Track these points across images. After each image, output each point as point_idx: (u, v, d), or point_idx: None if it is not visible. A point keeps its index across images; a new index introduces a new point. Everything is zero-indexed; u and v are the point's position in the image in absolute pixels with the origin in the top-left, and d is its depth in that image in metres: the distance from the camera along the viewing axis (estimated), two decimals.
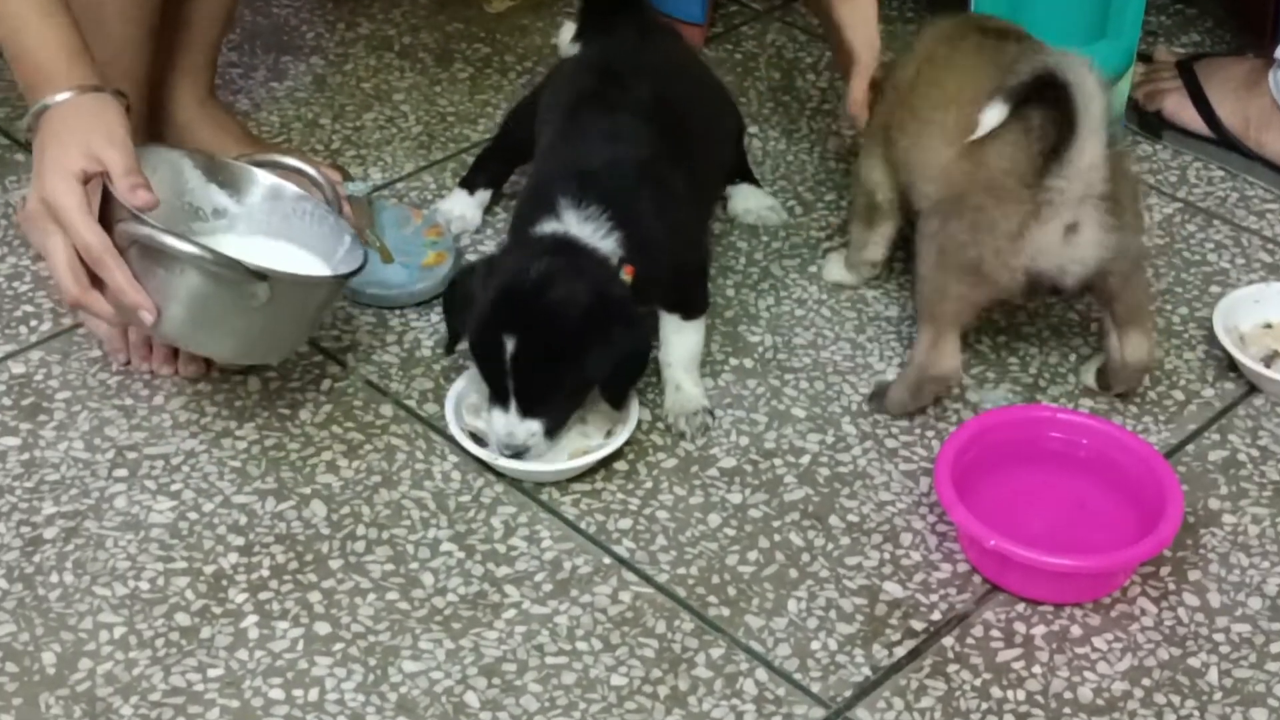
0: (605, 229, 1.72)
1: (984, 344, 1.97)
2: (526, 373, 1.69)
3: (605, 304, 1.69)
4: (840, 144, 2.30)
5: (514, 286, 1.68)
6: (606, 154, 1.79)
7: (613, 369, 1.70)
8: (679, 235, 1.81)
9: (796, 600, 1.65)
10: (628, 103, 1.85)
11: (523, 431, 1.72)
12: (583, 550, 1.69)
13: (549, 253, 1.70)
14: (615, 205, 1.73)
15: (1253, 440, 1.84)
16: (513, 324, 1.67)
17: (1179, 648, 1.60)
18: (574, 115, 1.87)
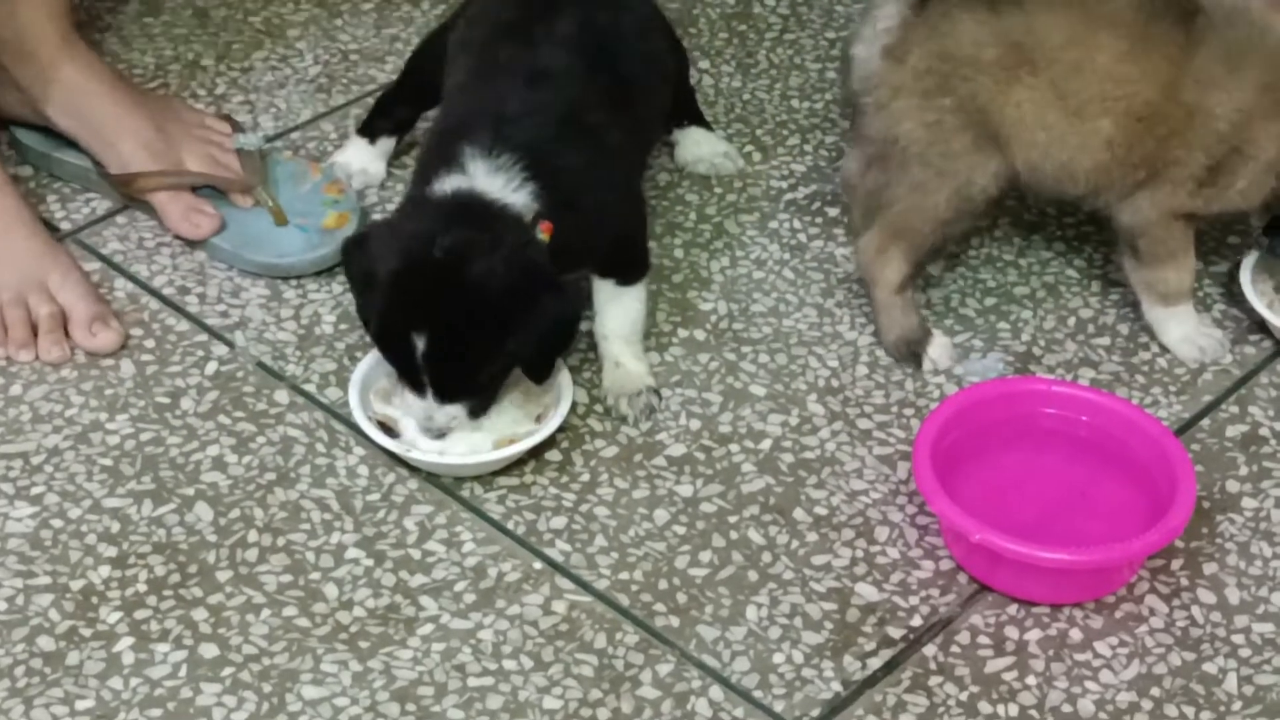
0: (518, 181, 1.70)
1: (969, 307, 1.97)
2: (440, 363, 1.68)
3: (522, 272, 1.67)
4: (804, 80, 2.29)
5: (416, 267, 1.66)
6: (523, 95, 1.77)
7: (538, 345, 1.69)
8: (609, 188, 1.79)
9: (756, 606, 1.64)
10: (551, 36, 1.83)
11: (443, 416, 1.71)
12: (510, 554, 1.69)
13: (452, 217, 1.68)
14: (531, 153, 1.72)
15: (1276, 412, 1.85)
16: (420, 316, 1.66)
17: (1193, 652, 1.61)
18: (488, 51, 1.85)
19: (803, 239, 2.05)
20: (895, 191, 1.85)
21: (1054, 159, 1.80)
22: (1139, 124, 1.78)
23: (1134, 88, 1.77)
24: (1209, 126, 1.77)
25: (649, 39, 1.96)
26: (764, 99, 2.26)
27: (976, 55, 1.77)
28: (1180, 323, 1.91)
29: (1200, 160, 1.79)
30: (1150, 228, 1.84)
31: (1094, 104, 1.78)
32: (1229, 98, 1.77)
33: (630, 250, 1.85)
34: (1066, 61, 1.77)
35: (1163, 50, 1.77)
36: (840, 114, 2.20)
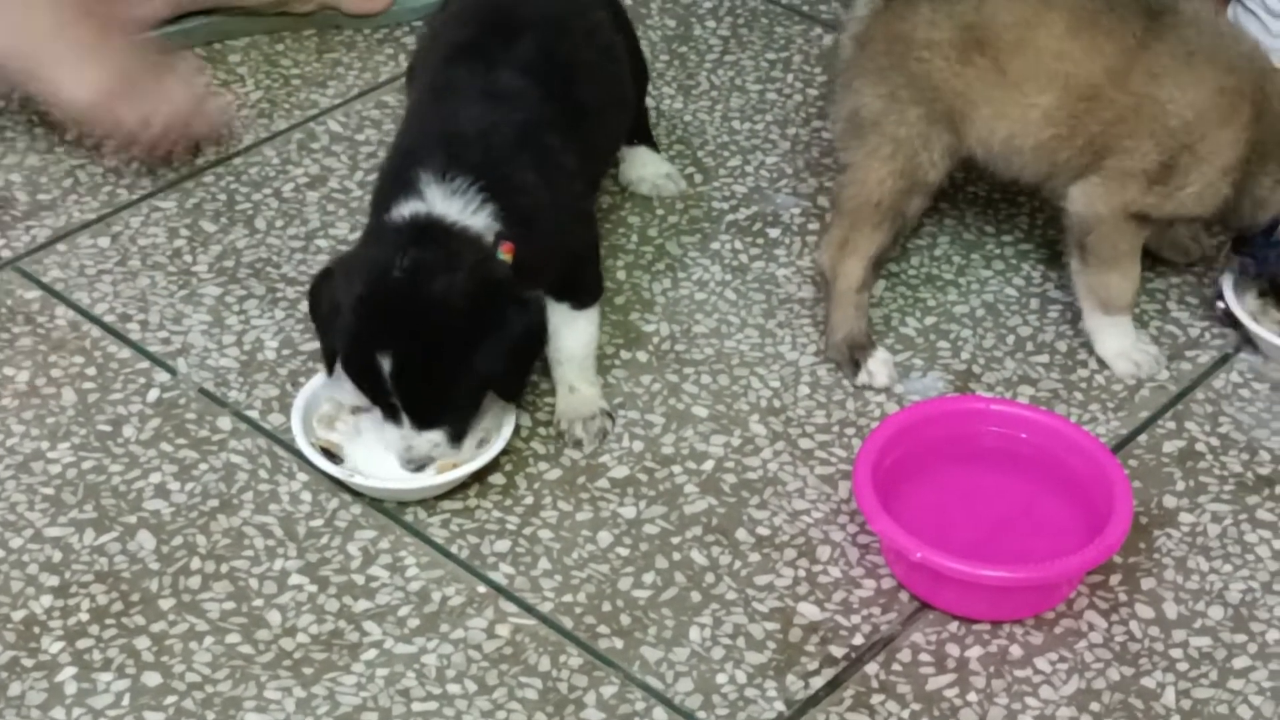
0: (476, 203, 1.71)
1: (909, 327, 1.98)
2: (411, 388, 1.68)
3: (486, 291, 1.68)
4: (745, 101, 2.31)
5: (379, 292, 1.67)
6: (479, 117, 1.78)
7: (507, 361, 1.70)
8: (566, 210, 1.80)
9: (699, 627, 1.65)
10: (510, 57, 1.83)
11: (424, 444, 1.72)
12: (454, 578, 1.69)
13: (412, 242, 1.69)
14: (488, 174, 1.72)
15: (1212, 428, 1.87)
16: (385, 338, 1.66)
17: (1131, 667, 1.63)
18: (446, 71, 1.86)
19: (744, 260, 2.07)
20: (851, 169, 1.89)
21: (998, 134, 1.84)
22: (1081, 104, 1.81)
23: (1075, 66, 1.80)
24: (1159, 120, 1.80)
25: (612, 65, 1.96)
26: (705, 121, 2.28)
27: (930, 37, 1.82)
28: (1118, 336, 1.93)
29: (1151, 154, 1.81)
30: (1100, 224, 1.86)
31: (1034, 80, 1.81)
32: (1182, 94, 1.79)
33: (585, 273, 1.86)
34: (1011, 39, 1.80)
35: (1115, 37, 1.80)
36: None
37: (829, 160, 2.21)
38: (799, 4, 2.50)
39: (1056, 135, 1.83)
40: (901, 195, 1.87)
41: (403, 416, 1.70)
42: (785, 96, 2.32)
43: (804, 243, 2.08)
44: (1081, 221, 1.87)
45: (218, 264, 2.03)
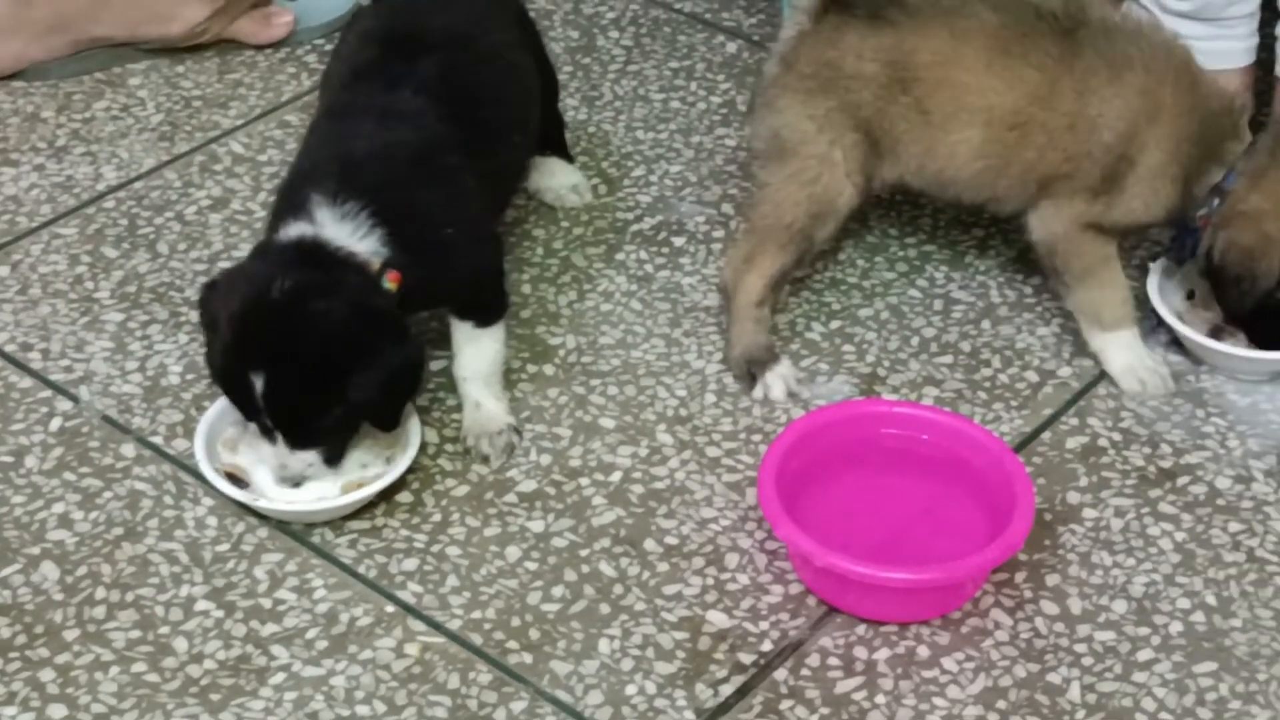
0: (365, 228, 1.71)
1: (814, 331, 2.00)
2: (282, 408, 1.68)
3: (362, 317, 1.68)
4: (649, 111, 2.31)
5: (254, 311, 1.67)
6: (375, 138, 1.77)
7: (380, 391, 1.70)
8: (464, 231, 1.80)
9: (609, 639, 1.66)
10: (410, 78, 1.83)
11: (297, 463, 1.71)
12: (362, 599, 1.69)
13: (294, 263, 1.68)
14: (380, 198, 1.72)
15: (1114, 423, 1.89)
16: (257, 356, 1.66)
17: (1037, 663, 1.64)
18: (345, 93, 1.86)
19: (649, 270, 2.07)
20: (767, 188, 1.89)
21: (929, 169, 1.86)
22: (1011, 133, 1.82)
23: (997, 98, 1.81)
24: (1094, 136, 1.82)
25: (517, 83, 1.96)
26: (609, 131, 2.28)
27: (859, 69, 1.83)
28: (1123, 351, 1.92)
29: (1092, 170, 1.83)
30: (1059, 241, 1.87)
31: (956, 117, 1.82)
32: (1111, 106, 1.81)
33: (487, 292, 1.86)
34: (930, 78, 1.82)
35: (1034, 63, 1.81)
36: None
37: (733, 168, 2.22)
38: (701, 12, 2.51)
39: (989, 167, 1.84)
40: (814, 220, 1.87)
41: (276, 435, 1.69)
42: (689, 105, 2.33)
43: (709, 251, 2.09)
44: (1044, 245, 1.89)
45: (120, 290, 2.02)
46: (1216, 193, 1.84)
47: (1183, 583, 1.71)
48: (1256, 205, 1.83)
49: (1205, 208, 1.85)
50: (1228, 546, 1.75)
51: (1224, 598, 1.70)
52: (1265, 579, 1.72)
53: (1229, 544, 1.75)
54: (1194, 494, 1.80)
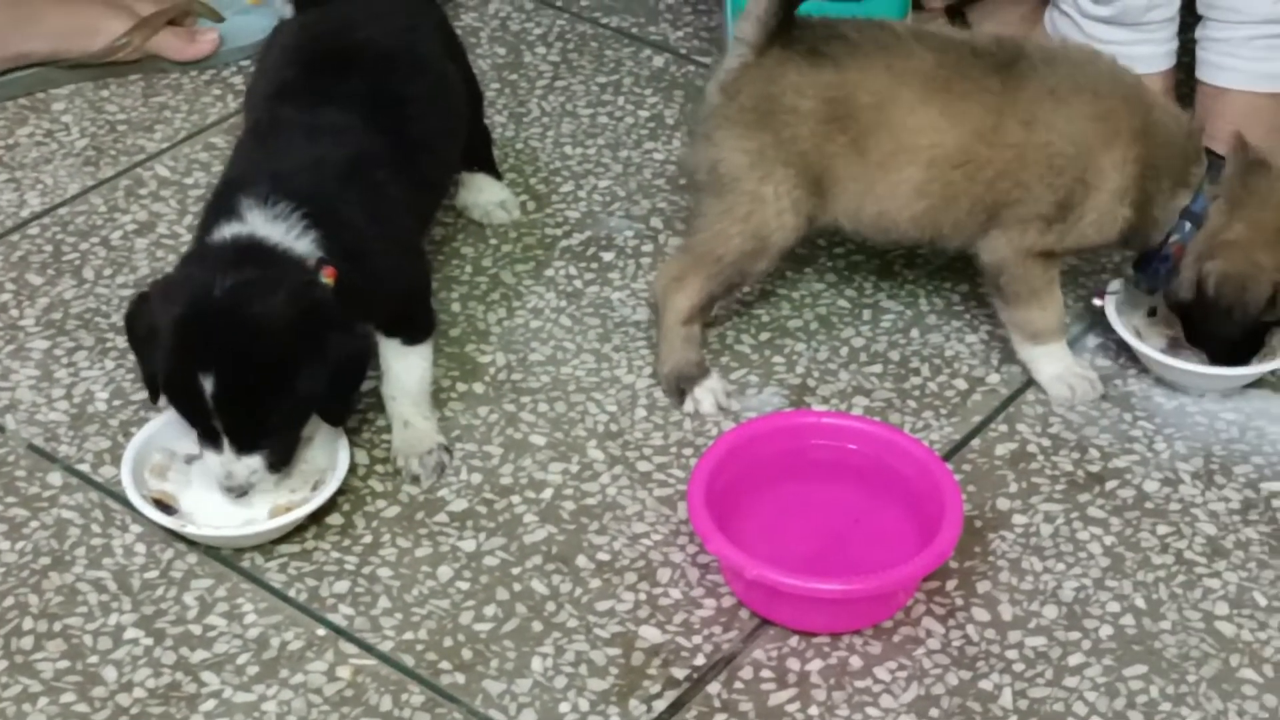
0: (299, 228, 1.70)
1: (744, 344, 2.00)
2: (233, 408, 1.67)
3: (307, 310, 1.67)
4: (577, 126, 2.31)
5: (200, 313, 1.65)
6: (303, 152, 1.77)
7: (329, 383, 1.69)
8: (392, 244, 1.80)
9: (541, 657, 1.66)
10: (336, 93, 1.83)
11: (243, 469, 1.70)
12: (293, 622, 1.68)
13: (233, 263, 1.67)
14: (310, 203, 1.72)
15: (1043, 428, 1.90)
16: (206, 357, 1.65)
17: (969, 670, 1.65)
18: (272, 109, 1.85)
19: (578, 285, 2.07)
20: (704, 218, 1.89)
21: (868, 210, 1.86)
22: (955, 171, 1.82)
23: (940, 136, 1.81)
24: (1043, 164, 1.82)
25: (443, 98, 1.96)
26: (537, 147, 2.28)
27: (796, 104, 1.83)
28: (1053, 361, 1.93)
29: (1045, 197, 1.83)
30: (1009, 267, 1.87)
31: (896, 156, 1.82)
32: (1058, 134, 1.81)
33: (415, 308, 1.86)
34: (868, 119, 1.82)
35: (975, 98, 1.81)
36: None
37: (661, 182, 2.23)
38: (628, 27, 2.51)
39: (932, 206, 1.84)
40: (748, 256, 1.87)
41: (223, 441, 1.68)
42: (616, 119, 2.33)
43: (638, 265, 2.10)
44: (992, 268, 1.89)
45: (45, 316, 2.01)
46: (1188, 216, 1.85)
47: (1112, 586, 1.72)
48: (1242, 234, 1.83)
49: (1177, 234, 1.85)
50: (1156, 549, 1.76)
51: (1153, 600, 1.71)
52: (1194, 581, 1.73)
53: (1157, 547, 1.76)
54: (1122, 498, 1.82)
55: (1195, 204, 1.84)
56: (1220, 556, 1.75)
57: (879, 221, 1.87)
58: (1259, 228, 1.83)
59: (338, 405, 1.74)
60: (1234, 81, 2.14)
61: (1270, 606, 1.70)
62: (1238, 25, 2.13)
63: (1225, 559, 1.75)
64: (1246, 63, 2.13)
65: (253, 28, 2.42)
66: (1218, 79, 2.15)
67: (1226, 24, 2.13)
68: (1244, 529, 1.78)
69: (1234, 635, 1.68)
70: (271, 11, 2.00)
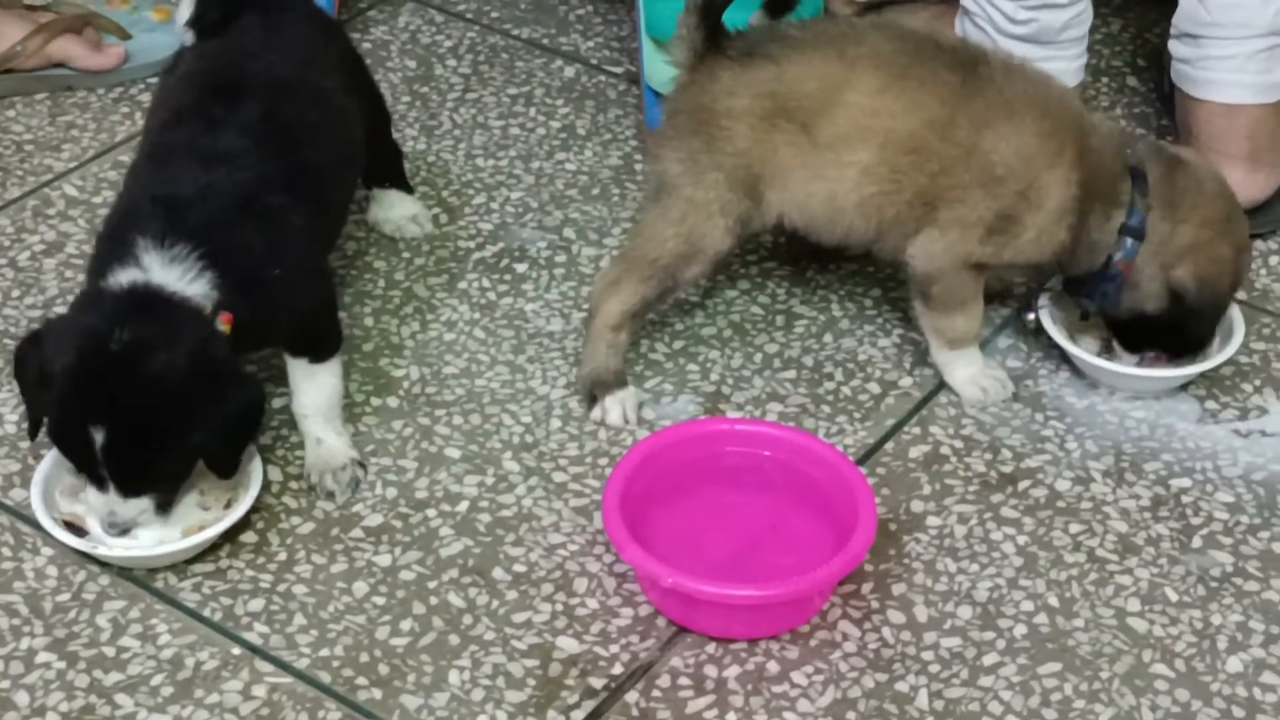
0: (195, 270, 1.69)
1: (658, 352, 2.00)
2: (122, 461, 1.66)
3: (203, 366, 1.66)
4: (488, 138, 2.31)
5: (95, 365, 1.64)
6: (198, 180, 1.75)
7: (221, 440, 1.69)
8: (294, 269, 1.78)
9: (459, 670, 1.65)
10: (231, 119, 1.82)
11: (127, 510, 1.69)
12: (207, 642, 1.67)
13: (130, 313, 1.66)
14: (207, 240, 1.70)
15: (956, 430, 1.91)
16: (99, 410, 1.64)
17: (885, 673, 1.66)
18: (166, 135, 1.84)
19: (492, 297, 2.07)
20: (641, 224, 1.91)
21: (817, 196, 1.86)
22: (906, 157, 1.83)
23: (893, 120, 1.82)
24: (986, 170, 1.83)
25: (342, 120, 1.95)
26: (449, 160, 2.28)
27: (730, 105, 1.84)
28: (966, 365, 1.95)
29: (984, 203, 1.84)
30: (943, 275, 1.88)
31: (848, 139, 1.83)
32: (1006, 144, 1.83)
33: (321, 328, 1.85)
34: (816, 104, 1.83)
35: (932, 89, 1.83)
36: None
37: (574, 192, 2.23)
38: (539, 37, 2.51)
39: (881, 191, 1.85)
40: (680, 259, 1.88)
41: (109, 485, 1.67)
42: (528, 131, 2.33)
43: (551, 276, 2.10)
44: (924, 275, 1.89)
45: None
46: (1128, 233, 1.87)
47: (1026, 585, 1.74)
48: (1198, 235, 1.86)
49: (1120, 252, 1.87)
50: (1069, 547, 1.78)
51: (1066, 598, 1.73)
52: (1106, 578, 1.75)
53: (1070, 545, 1.78)
54: (1035, 497, 1.83)
55: (1132, 219, 1.86)
56: (1131, 553, 1.77)
57: (829, 209, 1.87)
58: (1208, 223, 1.87)
59: (229, 457, 1.73)
60: (1244, 96, 2.15)
61: (1181, 602, 1.72)
62: (1243, 41, 2.13)
63: (1136, 556, 1.77)
64: (1254, 76, 2.14)
65: (160, 45, 2.40)
66: (1227, 96, 2.15)
67: (1230, 40, 2.14)
68: (1154, 525, 1.80)
69: (1146, 631, 1.69)
70: (180, 34, 1.99)
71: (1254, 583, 1.74)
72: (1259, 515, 1.81)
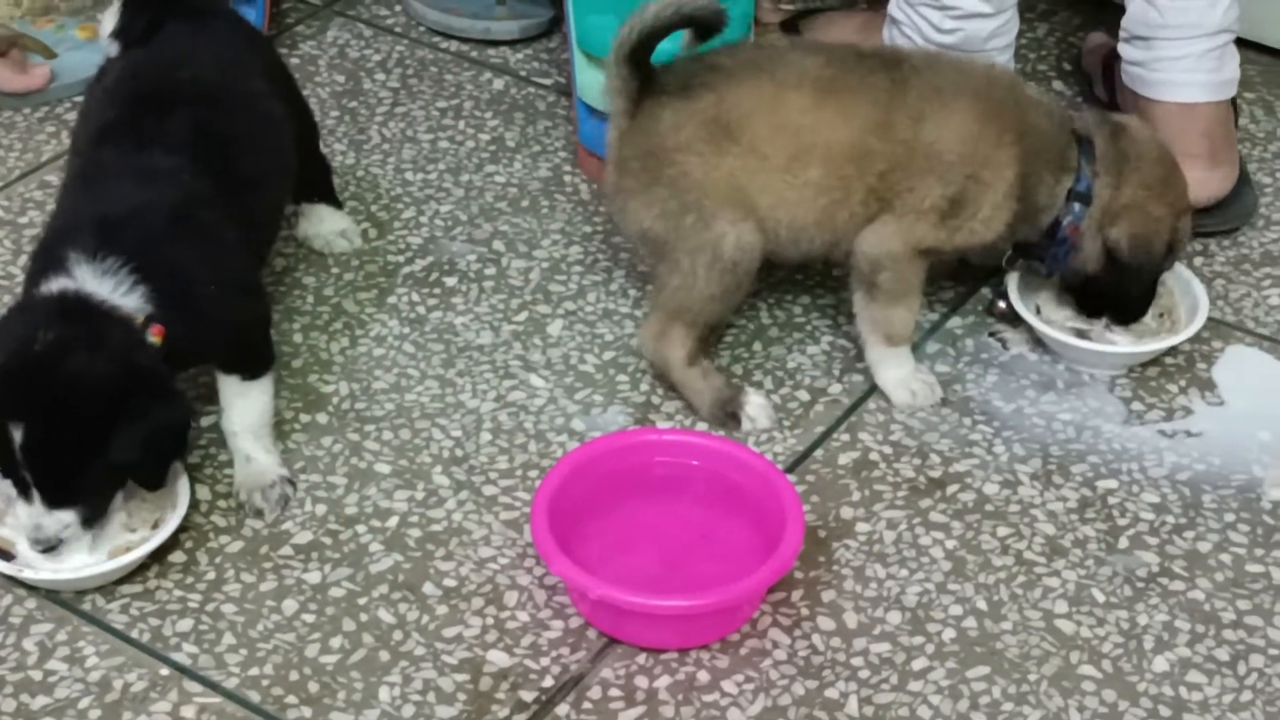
0: (128, 284, 1.69)
1: (588, 364, 2.00)
2: (42, 462, 1.65)
3: (127, 376, 1.66)
4: (418, 152, 2.31)
5: (15, 364, 1.64)
6: (130, 197, 1.75)
7: (144, 449, 1.68)
8: (227, 285, 1.78)
9: (389, 687, 1.65)
10: (160, 134, 1.81)
11: (53, 524, 1.68)
12: (136, 664, 1.67)
13: (58, 317, 1.66)
14: (140, 255, 1.70)
15: (885, 436, 1.92)
16: (17, 409, 1.63)
17: (815, 680, 1.66)
18: (96, 153, 1.83)
19: (421, 311, 2.07)
20: (660, 278, 1.91)
21: (783, 220, 1.87)
22: (850, 165, 1.85)
23: (832, 132, 1.84)
24: (934, 159, 1.85)
25: (270, 134, 1.95)
26: (378, 174, 2.28)
27: (676, 138, 1.85)
28: (897, 366, 1.96)
29: (937, 189, 1.86)
30: (893, 262, 1.89)
31: (797, 158, 1.85)
32: (948, 132, 1.85)
33: (253, 344, 1.85)
34: (760, 126, 1.84)
35: (863, 95, 1.85)
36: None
37: (503, 204, 2.23)
38: (468, 50, 2.51)
39: (832, 200, 1.87)
40: (720, 296, 1.89)
41: (33, 493, 1.66)
42: (457, 144, 2.33)
43: (481, 289, 2.10)
44: (873, 261, 1.90)
45: None
46: (1076, 197, 1.91)
47: (954, 590, 1.75)
48: (1134, 195, 1.91)
49: (1069, 215, 1.91)
50: (997, 551, 1.79)
51: (994, 601, 1.73)
52: (1033, 581, 1.76)
53: (998, 548, 1.79)
54: (963, 501, 1.84)
55: (1080, 184, 1.90)
56: (1059, 555, 1.78)
57: (791, 230, 1.88)
58: (1145, 184, 1.92)
59: (153, 471, 1.72)
60: (1199, 95, 2.17)
61: (1108, 603, 1.73)
62: (1194, 40, 2.15)
63: (1064, 558, 1.78)
64: (1207, 75, 2.16)
65: (87, 63, 2.37)
66: (1182, 96, 2.17)
67: (1182, 40, 2.16)
68: (1081, 527, 1.81)
69: (1073, 633, 1.70)
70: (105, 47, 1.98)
71: (1179, 582, 1.75)
72: (1184, 515, 1.82)
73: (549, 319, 2.06)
